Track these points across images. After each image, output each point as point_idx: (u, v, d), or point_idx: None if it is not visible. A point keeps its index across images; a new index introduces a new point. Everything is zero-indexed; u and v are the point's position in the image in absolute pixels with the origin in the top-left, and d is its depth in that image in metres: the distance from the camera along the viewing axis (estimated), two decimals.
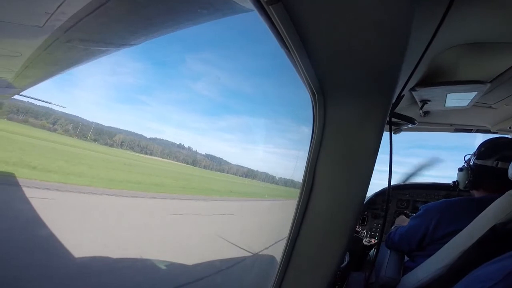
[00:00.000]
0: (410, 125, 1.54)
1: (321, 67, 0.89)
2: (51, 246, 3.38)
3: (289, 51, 0.79)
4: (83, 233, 4.42)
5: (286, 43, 0.75)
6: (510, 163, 1.40)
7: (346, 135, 1.06)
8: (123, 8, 0.94)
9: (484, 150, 1.64)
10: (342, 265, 1.99)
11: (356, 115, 1.02)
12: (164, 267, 3.87)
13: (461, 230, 1.40)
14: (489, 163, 1.58)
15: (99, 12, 0.87)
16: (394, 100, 1.01)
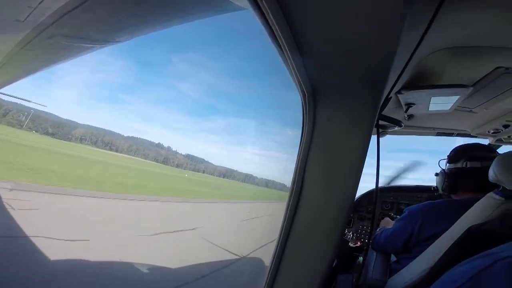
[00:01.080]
0: (396, 128, 1.58)
1: (313, 67, 0.90)
2: None
3: (281, 49, 0.79)
4: None
5: (279, 41, 0.75)
6: (478, 161, 1.48)
7: (335, 136, 1.07)
8: (110, 4, 0.91)
9: (453, 155, 1.78)
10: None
11: (345, 116, 1.04)
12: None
13: (445, 231, 1.44)
14: (459, 165, 1.71)
15: (84, 7, 0.84)
16: (382, 102, 1.03)
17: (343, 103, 1.04)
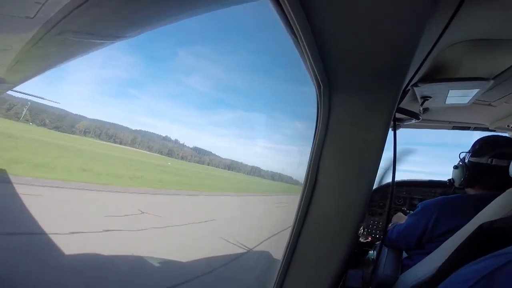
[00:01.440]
0: (412, 121, 1.54)
1: (330, 58, 0.87)
2: None
3: (297, 40, 0.78)
4: None
5: (296, 32, 0.73)
6: (504, 160, 1.41)
7: (351, 130, 1.04)
8: None
9: (478, 148, 1.66)
10: None
11: (363, 109, 1.01)
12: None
13: (459, 227, 1.40)
14: (483, 160, 1.60)
15: (92, 3, 0.83)
16: (400, 96, 1.00)
17: (361, 95, 1.01)
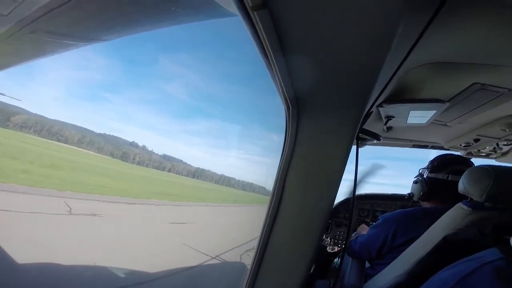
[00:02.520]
0: (374, 141, 1.64)
1: (299, 79, 0.91)
2: None
3: (268, 60, 0.80)
4: None
5: (267, 51, 0.75)
6: (459, 176, 1.57)
7: (316, 147, 1.10)
8: (97, 2, 0.89)
9: (436, 165, 1.82)
10: None
11: (328, 129, 1.07)
12: None
13: (417, 238, 1.51)
14: (440, 176, 1.76)
15: (71, 5, 0.82)
16: (363, 116, 1.07)
17: (326, 116, 1.06)
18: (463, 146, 2.21)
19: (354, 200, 1.63)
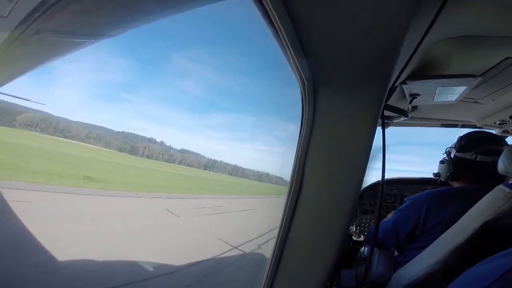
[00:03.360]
0: (401, 119, 1.55)
1: (313, 54, 0.85)
2: None
3: (279, 36, 0.75)
4: None
5: (277, 27, 0.71)
6: (488, 156, 1.48)
7: (338, 128, 1.02)
8: None
9: (464, 144, 1.74)
10: None
11: (349, 106, 0.99)
12: None
13: (448, 219, 1.47)
14: (468, 156, 1.67)
15: (68, 0, 0.80)
16: (387, 92, 0.99)
17: (347, 93, 0.99)
18: (498, 124, 2.07)
19: (384, 184, 1.56)
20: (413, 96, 1.51)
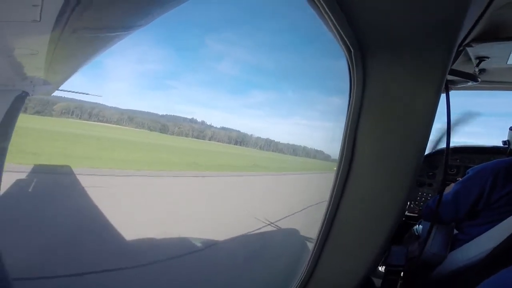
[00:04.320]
0: (469, 84, 1.38)
1: (359, 16, 0.77)
2: None
3: (316, 3, 0.68)
4: None
5: None
6: None
7: (394, 98, 0.93)
8: None
9: None
10: None
11: (406, 73, 0.89)
12: None
13: None
14: None
15: None
16: (453, 55, 0.86)
17: (403, 57, 0.89)
18: None
19: (449, 154, 1.41)
20: (481, 59, 1.35)
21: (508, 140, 1.79)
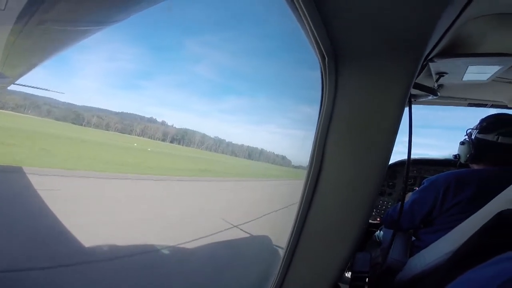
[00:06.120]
0: (429, 98, 1.47)
1: (335, 23, 0.78)
2: None
3: (295, 7, 0.69)
4: None
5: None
6: (510, 138, 1.50)
7: (363, 106, 0.95)
8: None
9: (486, 125, 1.69)
10: None
11: (375, 82, 0.92)
12: None
13: (467, 200, 1.47)
14: (490, 137, 1.63)
15: None
16: (419, 69, 0.91)
17: (373, 66, 0.91)
18: None
19: (409, 165, 1.51)
20: (440, 74, 1.43)
21: (458, 154, 1.90)
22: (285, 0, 0.70)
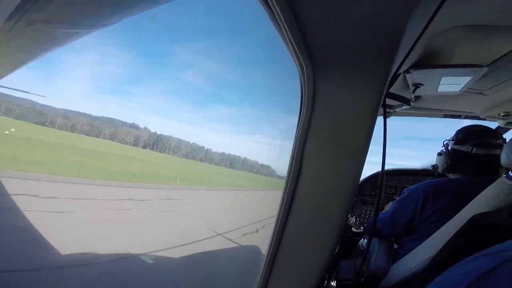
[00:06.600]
0: (403, 108, 1.54)
1: (312, 37, 0.82)
2: None
3: (275, 17, 0.72)
4: None
5: (273, 9, 0.68)
6: (483, 149, 1.58)
7: (337, 116, 0.98)
8: None
9: (461, 137, 1.78)
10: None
11: (349, 93, 0.94)
12: None
13: (445, 207, 1.53)
14: (465, 148, 1.72)
15: None
16: (390, 79, 0.95)
17: (346, 78, 0.94)
18: (502, 116, 2.06)
19: (384, 175, 1.56)
20: (417, 85, 1.49)
21: (436, 164, 1.98)
22: (266, 12, 0.73)
